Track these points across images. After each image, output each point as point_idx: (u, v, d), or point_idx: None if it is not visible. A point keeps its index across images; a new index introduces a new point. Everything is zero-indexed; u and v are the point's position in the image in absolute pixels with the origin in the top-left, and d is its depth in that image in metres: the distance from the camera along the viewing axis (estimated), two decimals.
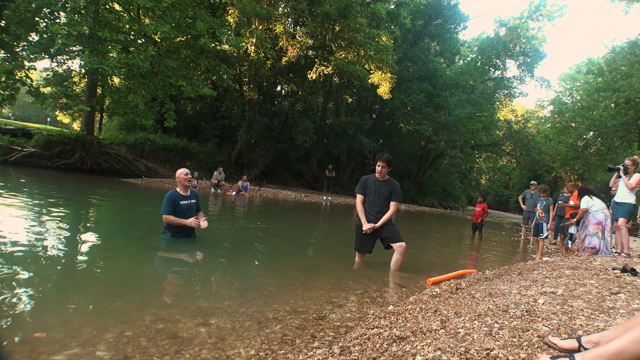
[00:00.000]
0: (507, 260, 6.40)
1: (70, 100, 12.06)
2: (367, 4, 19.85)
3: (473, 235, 9.20)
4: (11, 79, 10.33)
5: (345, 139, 22.15)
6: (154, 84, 12.73)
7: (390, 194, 4.14)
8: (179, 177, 4.37)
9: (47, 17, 11.08)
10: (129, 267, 3.36)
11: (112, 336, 1.91)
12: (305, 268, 4.09)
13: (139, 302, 2.47)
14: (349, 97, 25.15)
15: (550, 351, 1.57)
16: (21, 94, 13.21)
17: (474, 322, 1.95)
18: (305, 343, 2.05)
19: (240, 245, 5.08)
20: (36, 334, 1.86)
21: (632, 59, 21.53)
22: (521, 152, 33.00)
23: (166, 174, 14.87)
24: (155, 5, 10.76)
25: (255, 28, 16.36)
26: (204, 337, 2.01)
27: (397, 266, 4.07)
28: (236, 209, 9.54)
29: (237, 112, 19.56)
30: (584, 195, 6.14)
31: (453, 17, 26.43)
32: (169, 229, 4.33)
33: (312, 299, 2.87)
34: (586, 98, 28.66)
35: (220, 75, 15.22)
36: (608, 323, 1.88)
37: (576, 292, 2.55)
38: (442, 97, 24.29)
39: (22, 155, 12.22)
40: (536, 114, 42.81)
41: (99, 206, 7.14)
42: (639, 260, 4.52)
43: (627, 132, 24.06)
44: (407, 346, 1.77)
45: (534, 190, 9.65)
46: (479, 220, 8.99)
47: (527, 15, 30.77)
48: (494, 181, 55.19)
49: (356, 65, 17.80)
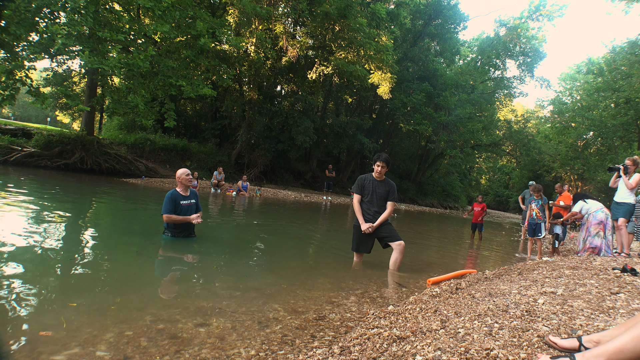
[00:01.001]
0: (507, 260, 6.40)
1: (70, 100, 12.07)
2: (367, 4, 19.85)
3: (473, 235, 9.20)
4: (11, 79, 10.33)
5: (345, 139, 22.15)
6: (154, 84, 12.73)
7: (388, 194, 4.15)
8: (179, 177, 4.38)
9: (47, 17, 11.08)
10: (129, 267, 3.36)
11: (112, 336, 1.91)
12: (305, 268, 4.09)
13: (139, 302, 2.47)
14: (349, 97, 25.16)
15: (551, 351, 1.57)
16: (21, 94, 13.21)
17: (474, 322, 1.95)
18: (305, 343, 2.05)
19: (240, 245, 5.08)
20: (42, 333, 1.87)
21: (632, 59, 21.51)
22: (521, 152, 33.02)
23: (166, 174, 14.87)
24: (155, 5, 10.76)
25: (255, 28, 16.37)
26: (204, 337, 2.01)
27: (396, 265, 4.07)
28: (236, 209, 9.54)
29: (237, 112, 19.56)
30: (578, 201, 6.24)
31: (453, 17, 26.43)
32: (169, 229, 4.33)
33: (312, 299, 2.87)
34: (586, 98, 28.63)
35: (220, 75, 15.23)
36: (608, 323, 1.88)
37: (576, 292, 2.55)
38: (442, 97, 24.29)
39: (22, 155, 12.22)
40: (536, 114, 42.80)
41: (98, 206, 7.14)
42: (639, 260, 4.52)
43: (627, 132, 24.05)
44: (407, 346, 1.77)
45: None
46: (479, 219, 9.01)
47: (527, 15, 30.76)
48: (494, 181, 55.18)
49: (356, 65, 17.80)
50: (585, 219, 6.17)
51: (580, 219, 6.30)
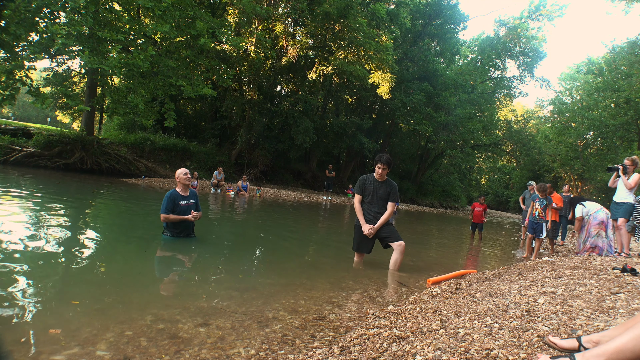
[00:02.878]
0: (507, 260, 6.39)
1: (70, 100, 12.07)
2: (367, 4, 19.85)
3: (472, 235, 9.20)
4: (11, 79, 10.34)
5: (345, 139, 22.15)
6: (154, 84, 12.73)
7: (388, 195, 4.15)
8: (178, 177, 4.38)
9: (47, 17, 11.07)
10: (128, 267, 3.36)
11: (112, 336, 1.91)
12: (305, 268, 4.09)
13: (139, 302, 2.47)
14: (348, 97, 25.16)
15: (550, 351, 1.57)
16: (21, 94, 13.21)
17: (474, 322, 1.95)
18: (305, 343, 2.05)
19: (240, 245, 5.08)
20: (51, 330, 1.89)
21: (632, 59, 21.52)
22: (521, 152, 33.02)
23: (166, 174, 14.87)
24: (155, 5, 10.76)
25: (255, 28, 16.37)
26: (204, 337, 2.01)
27: (396, 265, 4.07)
28: (236, 209, 9.54)
29: (237, 112, 19.56)
30: (576, 206, 6.29)
31: (453, 17, 26.44)
32: (169, 229, 4.34)
33: (312, 299, 2.87)
34: (586, 98, 28.64)
35: (220, 75, 15.22)
36: (608, 323, 1.88)
37: (576, 292, 2.55)
38: (442, 97, 24.30)
39: (22, 155, 12.22)
40: (536, 114, 42.81)
41: (98, 206, 7.14)
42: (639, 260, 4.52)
43: (627, 132, 24.06)
44: (407, 346, 1.77)
45: (532, 191, 9.67)
46: (481, 219, 8.99)
47: (527, 15, 30.78)
48: (494, 181, 55.18)
49: (356, 65, 17.80)
50: (585, 220, 6.19)
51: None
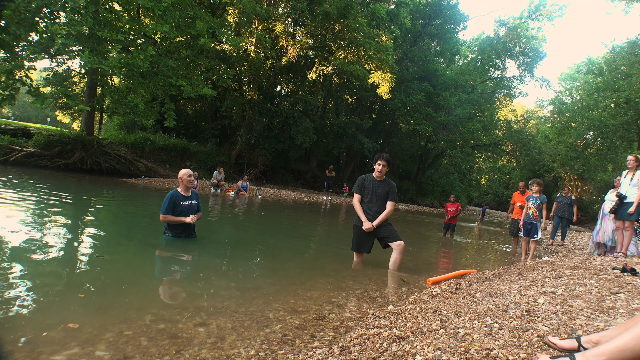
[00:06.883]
0: (507, 260, 6.39)
1: (70, 100, 12.06)
2: (367, 4, 19.84)
3: (444, 234, 8.75)
4: (11, 79, 10.33)
5: (345, 139, 22.15)
6: (154, 84, 12.72)
7: (388, 194, 4.15)
8: (181, 178, 4.38)
9: (47, 17, 11.06)
10: (129, 267, 3.36)
11: (111, 336, 1.91)
12: (305, 268, 4.09)
13: (139, 302, 2.47)
14: (348, 97, 25.15)
15: (550, 351, 1.57)
16: (21, 94, 13.21)
17: (474, 322, 1.95)
18: (305, 343, 2.05)
19: (240, 245, 5.08)
20: (70, 325, 1.95)
21: (632, 59, 21.51)
22: (521, 152, 32.99)
23: (166, 174, 14.87)
24: (155, 5, 10.75)
25: (255, 28, 16.36)
26: (204, 337, 2.01)
27: (396, 265, 4.08)
28: (236, 209, 9.54)
29: (237, 112, 19.56)
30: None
31: (453, 17, 26.43)
32: (169, 229, 4.33)
33: (312, 299, 2.87)
34: (586, 98, 28.62)
35: (220, 75, 15.22)
36: (608, 323, 1.88)
37: (576, 292, 2.55)
38: (442, 97, 24.29)
39: (22, 155, 12.21)
40: (536, 114, 42.78)
41: (99, 206, 7.14)
42: (638, 260, 4.52)
43: (627, 132, 24.05)
44: (407, 346, 1.77)
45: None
46: (453, 220, 8.48)
47: (527, 15, 30.76)
48: (494, 181, 55.15)
49: (356, 65, 17.79)
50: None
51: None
